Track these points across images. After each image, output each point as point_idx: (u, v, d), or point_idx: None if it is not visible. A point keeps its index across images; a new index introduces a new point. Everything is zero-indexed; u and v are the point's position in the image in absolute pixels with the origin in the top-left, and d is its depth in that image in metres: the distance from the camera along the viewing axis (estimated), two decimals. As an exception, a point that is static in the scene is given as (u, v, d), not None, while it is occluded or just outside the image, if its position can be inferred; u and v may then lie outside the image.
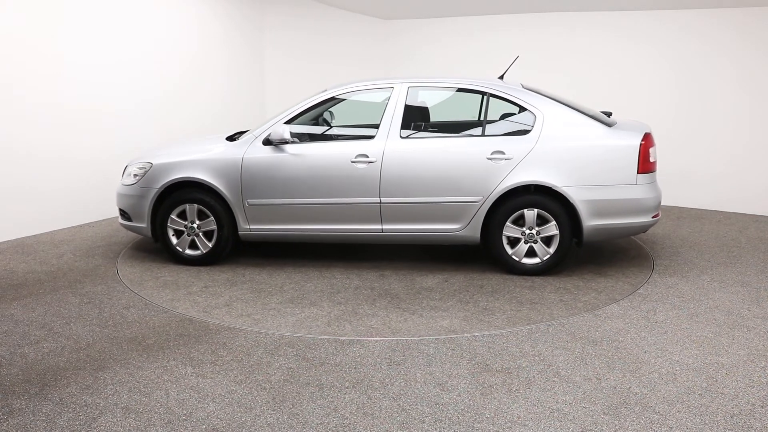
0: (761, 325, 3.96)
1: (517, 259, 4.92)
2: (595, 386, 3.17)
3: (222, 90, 8.24)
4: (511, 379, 3.26)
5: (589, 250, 5.62)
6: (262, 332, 3.86)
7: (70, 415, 2.93)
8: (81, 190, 6.59)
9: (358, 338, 3.78)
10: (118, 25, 6.73)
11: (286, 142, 5.02)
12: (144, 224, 5.24)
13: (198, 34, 7.78)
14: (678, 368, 3.36)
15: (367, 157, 4.93)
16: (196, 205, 5.14)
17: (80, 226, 6.57)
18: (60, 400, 3.05)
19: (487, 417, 2.89)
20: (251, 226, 5.15)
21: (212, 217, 5.14)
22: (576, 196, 4.74)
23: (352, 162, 4.94)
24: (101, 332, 3.88)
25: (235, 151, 5.12)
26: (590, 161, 4.75)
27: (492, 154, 4.82)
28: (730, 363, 3.42)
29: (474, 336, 3.79)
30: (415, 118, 5.27)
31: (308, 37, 9.00)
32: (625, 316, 4.10)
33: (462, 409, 2.96)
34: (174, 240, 5.24)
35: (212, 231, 5.18)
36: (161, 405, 3.01)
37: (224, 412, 2.94)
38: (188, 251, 5.25)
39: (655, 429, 2.78)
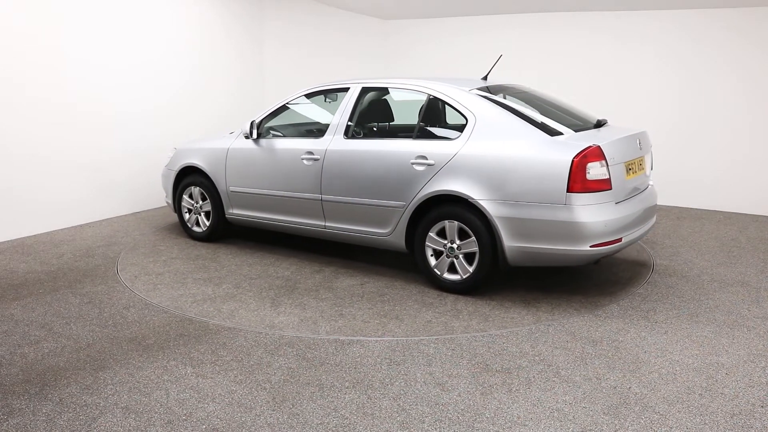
0: (761, 325, 3.96)
1: (438, 273, 4.55)
2: (595, 386, 3.17)
3: (225, 88, 8.23)
4: (511, 379, 3.26)
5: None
6: (262, 332, 3.87)
7: (70, 415, 2.93)
8: (81, 190, 6.59)
9: (358, 338, 3.78)
10: (120, 24, 6.72)
11: (250, 137, 5.46)
12: (170, 200, 6.17)
13: (200, 33, 7.77)
14: (678, 368, 3.36)
15: (313, 154, 5.07)
16: (197, 188, 5.88)
17: (80, 226, 6.57)
18: (60, 400, 3.06)
19: (487, 417, 2.90)
20: (233, 211, 5.70)
21: (208, 200, 5.82)
22: (494, 211, 4.21)
23: (302, 158, 5.12)
24: (101, 332, 3.88)
25: (225, 143, 5.70)
26: (514, 174, 4.17)
27: (415, 158, 4.55)
28: (730, 363, 3.42)
29: (474, 336, 3.79)
30: (367, 119, 5.25)
31: (308, 36, 8.99)
32: (625, 316, 4.10)
33: (462, 409, 2.96)
34: (186, 216, 6.05)
35: (210, 212, 5.86)
36: (161, 405, 3.01)
37: (224, 412, 2.95)
38: (195, 228, 6.02)
39: (655, 429, 2.79)
